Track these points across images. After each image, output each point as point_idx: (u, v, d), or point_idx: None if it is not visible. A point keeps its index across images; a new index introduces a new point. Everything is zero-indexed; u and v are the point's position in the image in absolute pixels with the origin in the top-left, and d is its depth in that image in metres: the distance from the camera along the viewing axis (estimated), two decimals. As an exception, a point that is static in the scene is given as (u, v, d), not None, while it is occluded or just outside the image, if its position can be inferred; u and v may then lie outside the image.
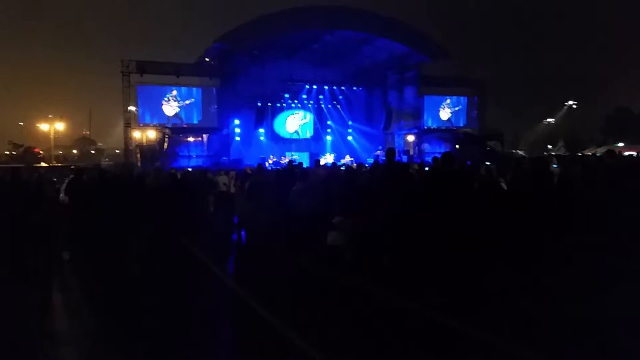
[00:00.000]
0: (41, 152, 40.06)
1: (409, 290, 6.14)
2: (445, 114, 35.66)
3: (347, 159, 30.57)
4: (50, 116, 43.14)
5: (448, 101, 35.68)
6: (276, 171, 12.68)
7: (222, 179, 12.59)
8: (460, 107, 35.95)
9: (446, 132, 34.63)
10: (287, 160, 24.16)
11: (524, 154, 34.62)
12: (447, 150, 27.07)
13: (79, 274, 8.22)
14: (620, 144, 36.14)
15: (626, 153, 22.01)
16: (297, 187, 8.83)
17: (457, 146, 30.23)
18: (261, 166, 11.66)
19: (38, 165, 26.07)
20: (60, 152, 49.52)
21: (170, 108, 29.60)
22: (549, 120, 53.95)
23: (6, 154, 39.74)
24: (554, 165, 10.22)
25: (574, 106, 49.35)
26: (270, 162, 28.62)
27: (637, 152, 22.97)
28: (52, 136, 41.82)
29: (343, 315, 5.65)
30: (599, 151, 27.85)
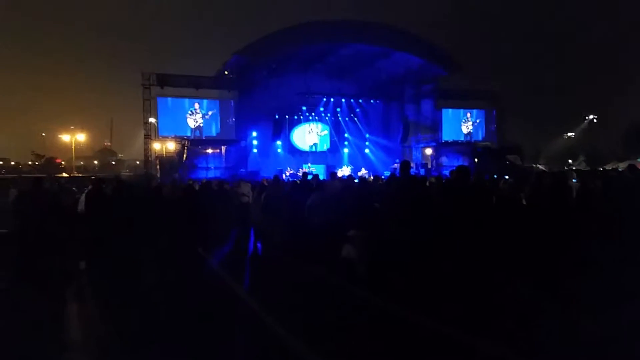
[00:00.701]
0: (62, 162, 40.85)
1: (423, 304, 6.06)
2: (465, 127, 35.41)
3: (363, 171, 30.57)
4: (72, 127, 43.98)
5: (469, 115, 35.43)
6: (292, 183, 12.70)
7: (244, 188, 12.41)
8: (479, 120, 35.68)
9: (464, 146, 34.39)
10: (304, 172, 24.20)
11: (544, 168, 34.19)
12: (465, 163, 26.90)
13: (94, 284, 8.30)
14: (643, 159, 35.44)
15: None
16: (312, 199, 8.84)
17: (475, 160, 30.02)
18: (277, 178, 11.69)
19: (59, 175, 26.52)
20: (82, 162, 50.40)
21: (192, 121, 29.98)
22: (569, 134, 53.36)
23: (29, 164, 40.57)
24: (573, 180, 10.07)
25: (595, 120, 48.76)
26: (288, 174, 28.75)
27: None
28: (73, 147, 42.55)
29: (356, 328, 5.60)
30: (621, 166, 27.35)
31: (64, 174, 28.87)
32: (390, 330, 5.50)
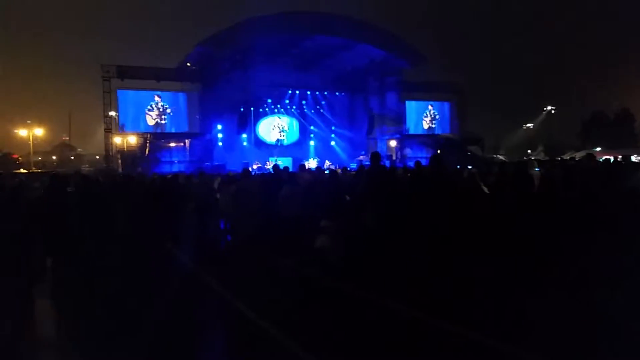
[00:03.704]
0: (19, 158, 39.48)
1: (397, 292, 6.20)
2: (427, 119, 36.03)
3: (327, 164, 30.71)
4: (28, 122, 42.38)
5: (430, 107, 36.04)
6: (262, 175, 12.67)
7: (198, 187, 11.60)
8: (442, 113, 36.36)
9: (428, 137, 35.01)
10: (271, 165, 24.08)
11: (504, 159, 35.09)
12: (429, 155, 27.38)
13: (61, 281, 8.10)
14: (598, 149, 36.82)
15: (603, 157, 22.40)
16: (284, 191, 8.86)
17: (438, 151, 30.60)
18: (247, 171, 11.62)
19: (17, 171, 25.63)
20: (40, 158, 48.73)
21: (150, 118, 29.38)
22: (528, 125, 54.77)
23: (-17, 161, 38.90)
24: (536, 169, 10.42)
25: (553, 111, 50.23)
26: (255, 167, 28.59)
27: (614, 157, 23.37)
28: (31, 142, 41.08)
29: (331, 317, 5.69)
30: (578, 155, 28.32)
31: (22, 170, 27.89)
32: (366, 318, 5.62)
